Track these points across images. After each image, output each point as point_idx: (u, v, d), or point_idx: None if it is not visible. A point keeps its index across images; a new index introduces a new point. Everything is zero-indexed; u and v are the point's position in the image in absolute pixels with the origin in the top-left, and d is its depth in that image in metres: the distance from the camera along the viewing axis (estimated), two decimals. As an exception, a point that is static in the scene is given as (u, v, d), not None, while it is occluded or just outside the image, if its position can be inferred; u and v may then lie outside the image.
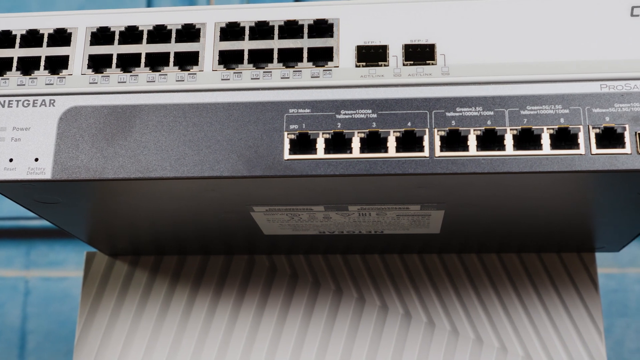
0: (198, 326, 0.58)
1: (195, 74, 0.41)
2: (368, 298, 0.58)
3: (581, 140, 0.37)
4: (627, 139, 0.37)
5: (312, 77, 0.40)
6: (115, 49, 0.41)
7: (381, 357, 0.56)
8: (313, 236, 0.53)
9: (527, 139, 0.38)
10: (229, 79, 0.40)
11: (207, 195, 0.43)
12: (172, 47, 0.41)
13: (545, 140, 0.38)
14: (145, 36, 0.41)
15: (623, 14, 0.39)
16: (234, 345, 0.58)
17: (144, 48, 0.41)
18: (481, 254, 0.59)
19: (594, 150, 0.37)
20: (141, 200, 0.45)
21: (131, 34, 0.42)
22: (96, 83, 0.41)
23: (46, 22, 0.42)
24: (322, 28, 0.41)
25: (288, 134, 0.39)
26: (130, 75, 0.41)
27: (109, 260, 0.61)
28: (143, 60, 0.41)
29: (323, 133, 0.39)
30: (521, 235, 0.54)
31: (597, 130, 0.38)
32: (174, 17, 0.42)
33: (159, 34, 0.42)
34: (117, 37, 0.42)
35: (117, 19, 0.42)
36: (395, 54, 0.40)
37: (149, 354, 0.58)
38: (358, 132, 0.39)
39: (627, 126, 0.37)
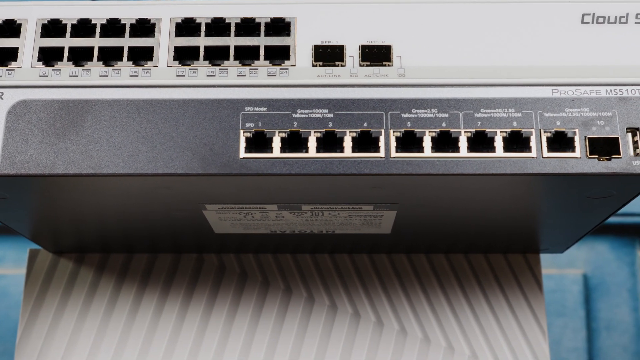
0: (145, 326, 0.57)
1: (149, 69, 0.40)
2: (317, 297, 0.59)
3: (533, 143, 0.38)
4: (577, 143, 0.38)
5: (268, 75, 0.40)
6: (67, 42, 0.40)
7: (330, 357, 0.57)
8: (263, 235, 0.53)
9: (480, 141, 0.38)
10: (184, 76, 0.40)
11: (160, 192, 0.42)
12: (126, 42, 0.40)
13: (499, 143, 0.38)
14: (98, 30, 0.41)
15: (574, 21, 0.40)
16: (181, 345, 0.57)
17: (96, 42, 0.40)
18: (429, 255, 0.60)
19: (545, 153, 0.38)
20: (90, 196, 0.44)
21: (83, 27, 0.41)
22: (47, 76, 0.40)
23: (-6, 13, 0.41)
24: (279, 26, 0.41)
25: (244, 132, 0.39)
26: (83, 69, 0.40)
27: (53, 258, 0.59)
28: (96, 54, 0.40)
29: (279, 132, 0.39)
30: (469, 236, 0.55)
31: (549, 134, 0.38)
32: (128, 11, 0.41)
33: (113, 27, 0.41)
34: (69, 29, 0.41)
35: (69, 11, 0.41)
36: (352, 54, 0.40)
37: (93, 354, 0.56)
38: (314, 132, 0.39)
39: (577, 131, 0.38)
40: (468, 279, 0.59)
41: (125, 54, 0.40)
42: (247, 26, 0.41)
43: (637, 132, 0.38)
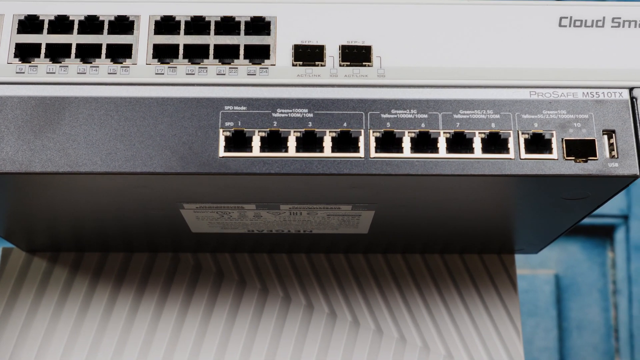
0: (119, 326, 0.57)
1: (128, 67, 0.40)
2: (294, 297, 0.59)
3: (511, 145, 0.39)
4: (554, 145, 0.38)
5: (248, 74, 0.40)
6: (44, 39, 0.40)
7: (306, 356, 0.57)
8: (240, 235, 0.53)
9: (459, 142, 0.39)
10: (163, 74, 0.40)
11: (137, 191, 0.42)
12: (105, 39, 0.40)
13: (477, 144, 0.39)
14: (76, 26, 0.40)
15: (551, 24, 0.41)
16: (156, 345, 0.57)
17: (74, 38, 0.40)
18: (406, 255, 0.60)
19: (523, 155, 0.38)
20: (66, 194, 0.43)
21: (61, 24, 0.40)
22: (23, 73, 0.39)
23: (-30, 8, 0.40)
24: (259, 25, 0.41)
25: (223, 131, 0.39)
26: (60, 66, 0.40)
27: (26, 257, 0.59)
28: (73, 51, 0.40)
29: (259, 131, 0.39)
30: (445, 237, 0.55)
31: (526, 136, 0.39)
32: (106, 8, 0.41)
33: (91, 24, 0.40)
34: (46, 26, 0.40)
35: (46, 8, 0.40)
36: (332, 54, 0.40)
37: (67, 354, 0.56)
38: (294, 131, 0.39)
39: (554, 133, 0.39)
40: (444, 279, 0.59)
41: (104, 51, 0.40)
42: (227, 25, 0.41)
43: (613, 135, 0.39)
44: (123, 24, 0.40)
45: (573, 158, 0.38)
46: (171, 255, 0.59)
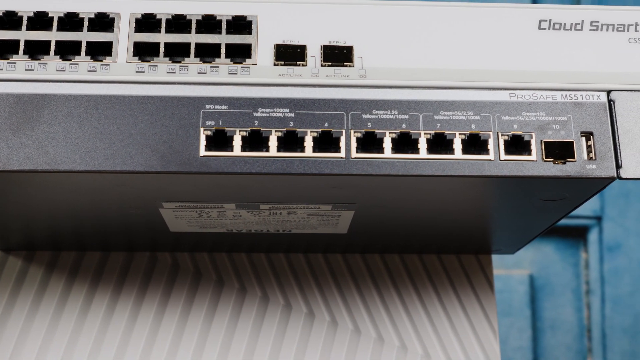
0: (96, 326, 0.56)
1: (108, 64, 0.39)
2: (272, 297, 0.58)
3: (491, 146, 0.39)
4: (533, 147, 0.39)
5: (229, 73, 0.40)
6: (22, 35, 0.39)
7: (284, 356, 0.57)
8: (219, 234, 0.53)
9: (440, 143, 0.39)
10: (143, 72, 0.39)
11: (116, 190, 0.41)
12: (84, 36, 0.40)
13: (457, 145, 0.39)
14: (55, 23, 0.40)
15: (531, 27, 0.41)
16: (133, 345, 0.56)
17: (53, 35, 0.40)
18: (384, 255, 0.60)
19: (503, 156, 0.39)
20: (43, 192, 0.43)
21: (40, 20, 0.40)
22: (1, 69, 0.39)
23: (-54, 3, 0.40)
24: (241, 25, 0.41)
25: (204, 130, 0.39)
26: (39, 63, 0.39)
27: (1, 256, 0.58)
28: (53, 48, 0.39)
29: (240, 130, 0.39)
30: (423, 237, 0.55)
31: (506, 137, 0.39)
32: (86, 5, 0.40)
33: (70, 21, 0.40)
34: (24, 22, 0.40)
35: (25, 4, 0.40)
36: (314, 54, 0.40)
37: (42, 354, 0.55)
38: (275, 131, 0.39)
39: (533, 134, 0.39)
40: (421, 279, 0.60)
41: (84, 48, 0.40)
42: (208, 23, 0.40)
43: (591, 137, 0.39)
44: (103, 22, 0.40)
45: (552, 159, 0.39)
46: (149, 254, 0.59)
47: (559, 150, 0.39)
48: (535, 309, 1.06)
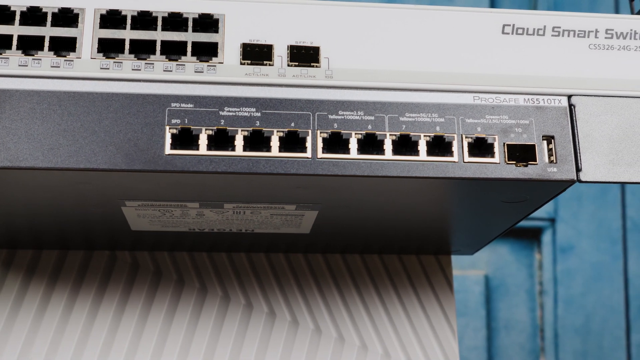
0: (53, 326, 0.56)
1: (72, 60, 0.39)
2: (233, 296, 0.58)
3: (455, 148, 0.39)
4: (496, 149, 0.39)
5: (195, 71, 0.39)
6: (-17, 29, 0.39)
7: (244, 356, 0.56)
8: (180, 233, 0.52)
9: (405, 144, 0.39)
10: (108, 69, 0.39)
11: (79, 187, 0.41)
12: (48, 31, 0.39)
13: (422, 146, 0.39)
14: (17, 17, 0.39)
15: (495, 32, 0.42)
16: (91, 345, 0.55)
17: (16, 30, 0.39)
18: (345, 255, 0.60)
19: (467, 158, 0.39)
20: (1, 189, 0.42)
21: (2, 14, 0.39)
22: (-39, 63, 0.38)
23: None
24: (207, 23, 0.40)
25: (170, 128, 0.38)
26: (0, 58, 0.38)
27: (-45, 254, 0.57)
28: (15, 43, 0.39)
29: (206, 129, 0.38)
30: (385, 237, 0.56)
31: (470, 140, 0.40)
32: (50, 0, 0.40)
33: (33, 16, 0.39)
34: (-14, 16, 0.39)
35: (-14, -3, 0.39)
36: (281, 54, 0.40)
37: (-3, 354, 0.54)
38: (241, 130, 0.39)
39: (496, 137, 0.40)
40: (382, 279, 0.60)
41: (47, 43, 0.39)
42: (175, 21, 0.40)
43: (552, 140, 0.40)
44: (67, 17, 0.40)
45: (514, 162, 0.39)
46: (108, 253, 0.58)
47: (521, 153, 0.39)
48: (490, 309, 1.07)
